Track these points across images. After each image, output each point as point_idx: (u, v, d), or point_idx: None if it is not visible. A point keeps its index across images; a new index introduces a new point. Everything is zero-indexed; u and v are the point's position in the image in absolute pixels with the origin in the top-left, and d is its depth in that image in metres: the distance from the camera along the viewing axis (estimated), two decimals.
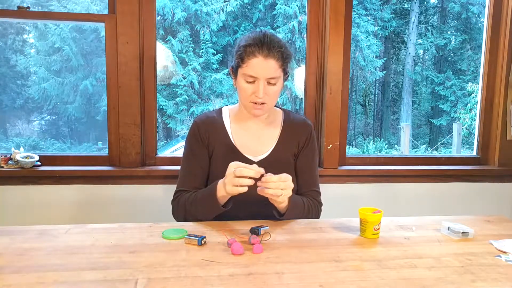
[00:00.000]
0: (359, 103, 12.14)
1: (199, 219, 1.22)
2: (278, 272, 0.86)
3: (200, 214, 1.21)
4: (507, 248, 1.01)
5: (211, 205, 1.16)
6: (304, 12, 8.70)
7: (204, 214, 1.20)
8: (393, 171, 2.00)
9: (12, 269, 0.85)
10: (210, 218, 1.21)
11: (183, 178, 1.31)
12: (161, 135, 9.38)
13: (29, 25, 8.81)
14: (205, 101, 8.85)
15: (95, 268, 0.86)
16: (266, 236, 1.05)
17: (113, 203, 1.82)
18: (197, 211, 1.21)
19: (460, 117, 10.34)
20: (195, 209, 1.22)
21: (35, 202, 1.78)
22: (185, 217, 1.26)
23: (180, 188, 1.30)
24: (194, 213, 1.22)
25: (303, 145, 1.33)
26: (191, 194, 1.25)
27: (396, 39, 12.06)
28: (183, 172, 1.32)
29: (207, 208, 1.19)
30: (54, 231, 1.08)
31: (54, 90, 8.78)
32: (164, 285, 0.79)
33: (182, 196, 1.27)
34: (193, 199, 1.23)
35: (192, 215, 1.23)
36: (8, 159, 1.78)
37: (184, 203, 1.24)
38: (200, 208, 1.21)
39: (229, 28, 9.35)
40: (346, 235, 1.10)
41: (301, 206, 1.24)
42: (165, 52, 8.43)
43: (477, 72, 10.47)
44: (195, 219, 1.22)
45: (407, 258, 0.95)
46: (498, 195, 2.08)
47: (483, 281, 0.84)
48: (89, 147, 9.17)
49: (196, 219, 1.22)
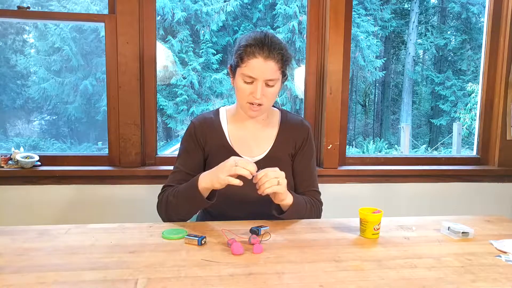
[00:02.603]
0: (359, 103, 12.14)
1: (181, 216, 1.19)
2: (278, 272, 0.86)
3: (182, 207, 1.17)
4: (507, 248, 1.01)
5: (193, 196, 1.13)
6: (304, 12, 8.70)
7: (186, 208, 1.17)
8: (393, 171, 2.00)
9: (12, 269, 0.85)
10: (192, 212, 1.19)
11: (173, 174, 1.29)
12: (161, 135, 9.38)
13: (29, 25, 8.80)
14: (205, 101, 8.84)
15: (95, 268, 0.86)
16: (266, 236, 1.05)
17: (113, 203, 1.82)
18: (179, 204, 1.17)
19: (460, 117, 10.33)
20: (176, 201, 1.18)
21: (35, 202, 1.78)
22: (166, 212, 1.21)
23: (168, 183, 1.27)
24: (175, 207, 1.18)
25: (300, 146, 1.32)
26: (175, 187, 1.22)
27: (396, 39, 12.06)
28: (174, 169, 1.30)
29: (189, 200, 1.15)
30: (54, 231, 1.08)
31: (54, 90, 8.78)
32: (164, 285, 0.79)
33: (168, 190, 1.24)
34: (176, 191, 1.19)
35: (174, 210, 1.19)
36: (8, 159, 1.78)
37: (167, 196, 1.21)
38: (181, 201, 1.17)
39: (229, 28, 9.35)
40: (346, 235, 1.10)
41: (303, 204, 1.24)
42: (165, 52, 8.42)
43: (477, 72, 10.47)
44: (178, 215, 1.19)
45: (407, 258, 0.95)
46: (498, 195, 2.08)
47: (483, 281, 0.84)
48: (89, 147, 9.17)
49: (179, 215, 1.19)
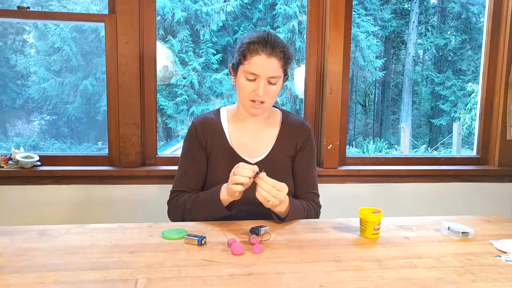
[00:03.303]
0: (359, 103, 12.14)
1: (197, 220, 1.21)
2: (278, 272, 0.86)
3: (202, 216, 1.21)
4: (507, 248, 1.01)
5: (213, 207, 1.16)
6: (304, 12, 8.70)
7: (205, 217, 1.20)
8: (393, 171, 2.00)
9: (12, 269, 0.85)
10: (210, 219, 1.21)
11: (180, 179, 1.30)
12: (161, 135, 9.38)
13: (29, 25, 8.80)
14: (205, 101, 8.84)
15: (95, 268, 0.86)
16: (266, 236, 1.05)
17: (113, 203, 1.82)
18: (199, 213, 1.21)
19: (460, 117, 10.33)
20: (196, 210, 1.21)
21: (35, 202, 1.78)
22: (183, 218, 1.25)
23: (177, 188, 1.29)
24: (195, 215, 1.22)
25: (300, 146, 1.32)
26: (191, 195, 1.25)
27: (396, 39, 12.05)
28: (180, 173, 1.31)
29: (209, 209, 1.18)
30: (54, 231, 1.08)
31: (54, 90, 8.77)
32: (164, 285, 0.79)
33: (181, 196, 1.26)
34: (194, 200, 1.22)
35: (191, 216, 1.22)
36: (8, 159, 1.78)
37: (183, 203, 1.24)
38: (201, 210, 1.20)
39: (229, 28, 9.35)
40: (346, 235, 1.10)
41: (301, 211, 1.23)
42: (165, 52, 8.42)
43: (477, 72, 10.46)
44: (194, 220, 1.21)
45: (407, 258, 0.95)
46: (498, 195, 2.08)
47: (483, 281, 0.84)
48: (89, 147, 9.17)
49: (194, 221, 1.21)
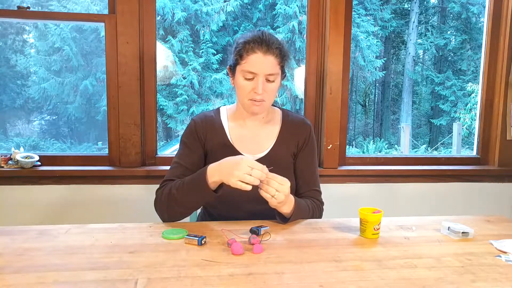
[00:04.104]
0: (359, 103, 12.14)
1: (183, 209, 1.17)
2: (278, 272, 0.86)
3: (186, 199, 1.15)
4: (507, 248, 1.01)
5: (200, 188, 1.11)
6: (304, 12, 8.70)
7: (190, 200, 1.15)
8: (393, 171, 2.00)
9: (12, 269, 0.85)
10: (195, 206, 1.17)
11: (172, 169, 1.27)
12: (161, 135, 9.38)
13: (29, 25, 8.80)
14: (205, 101, 8.84)
15: (95, 268, 0.86)
16: (266, 236, 1.05)
17: (113, 203, 1.82)
18: (183, 197, 1.15)
19: (460, 117, 10.33)
20: (180, 194, 1.15)
21: (35, 202, 1.78)
22: (168, 205, 1.17)
23: (168, 178, 1.25)
24: (179, 199, 1.15)
25: (302, 144, 1.33)
26: (178, 180, 1.19)
27: (396, 39, 12.06)
28: (173, 164, 1.28)
29: (196, 192, 1.13)
30: (54, 231, 1.08)
31: (54, 90, 8.78)
32: (164, 285, 0.79)
33: (168, 184, 1.21)
34: (179, 184, 1.16)
35: (177, 203, 1.16)
36: (8, 159, 1.78)
37: (169, 189, 1.17)
38: (186, 193, 1.14)
39: (229, 28, 9.35)
40: (346, 235, 1.10)
41: (306, 210, 1.23)
42: (165, 52, 8.42)
43: (477, 72, 10.46)
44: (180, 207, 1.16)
45: (407, 258, 0.95)
46: (498, 195, 2.08)
47: (483, 281, 0.84)
48: (89, 147, 9.17)
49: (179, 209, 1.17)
